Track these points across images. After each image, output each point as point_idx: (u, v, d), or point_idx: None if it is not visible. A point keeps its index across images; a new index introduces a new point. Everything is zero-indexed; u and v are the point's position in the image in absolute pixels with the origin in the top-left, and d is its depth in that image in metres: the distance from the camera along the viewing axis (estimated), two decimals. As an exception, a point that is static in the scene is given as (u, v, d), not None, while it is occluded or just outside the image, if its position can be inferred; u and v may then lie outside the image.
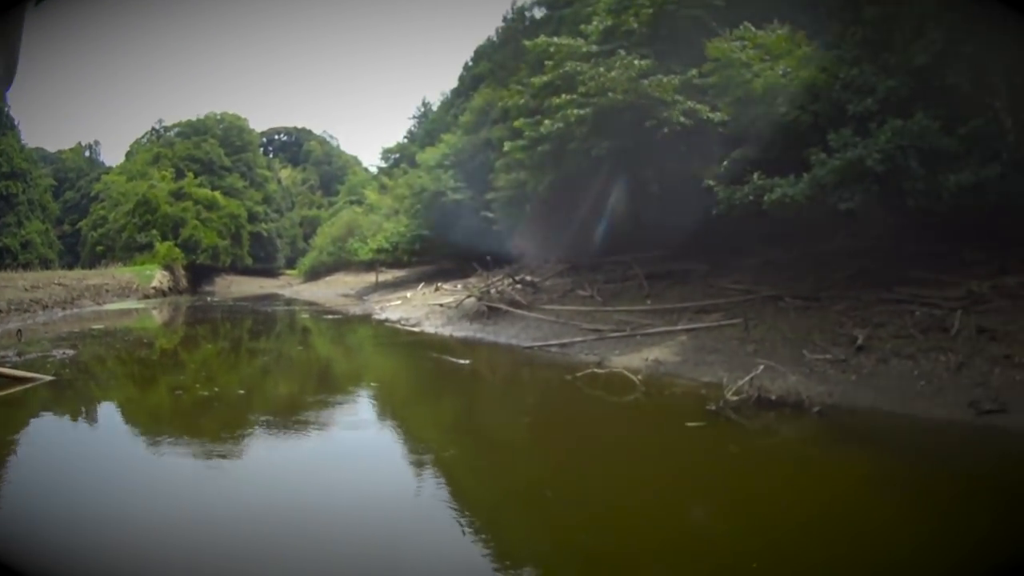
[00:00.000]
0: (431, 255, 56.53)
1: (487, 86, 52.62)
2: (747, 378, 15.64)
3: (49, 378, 21.18)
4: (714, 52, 23.60)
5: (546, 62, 31.50)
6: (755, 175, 20.30)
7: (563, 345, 24.62)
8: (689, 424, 14.39)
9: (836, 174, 18.17)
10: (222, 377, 24.81)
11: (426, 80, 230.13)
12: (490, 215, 43.05)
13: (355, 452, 13.69)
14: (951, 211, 17.89)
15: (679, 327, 22.64)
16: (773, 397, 15.26)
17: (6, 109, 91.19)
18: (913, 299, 18.63)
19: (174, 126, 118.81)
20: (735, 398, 15.30)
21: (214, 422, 16.46)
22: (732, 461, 12.55)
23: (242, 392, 20.97)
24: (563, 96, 28.08)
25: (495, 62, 57.93)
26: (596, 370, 19.72)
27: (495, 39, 65.48)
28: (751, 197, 20.16)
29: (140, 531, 9.41)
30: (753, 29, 23.49)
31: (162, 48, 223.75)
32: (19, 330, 34.41)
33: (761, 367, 15.91)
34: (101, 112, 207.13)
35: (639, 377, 18.46)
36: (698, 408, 15.36)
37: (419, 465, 12.93)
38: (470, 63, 69.48)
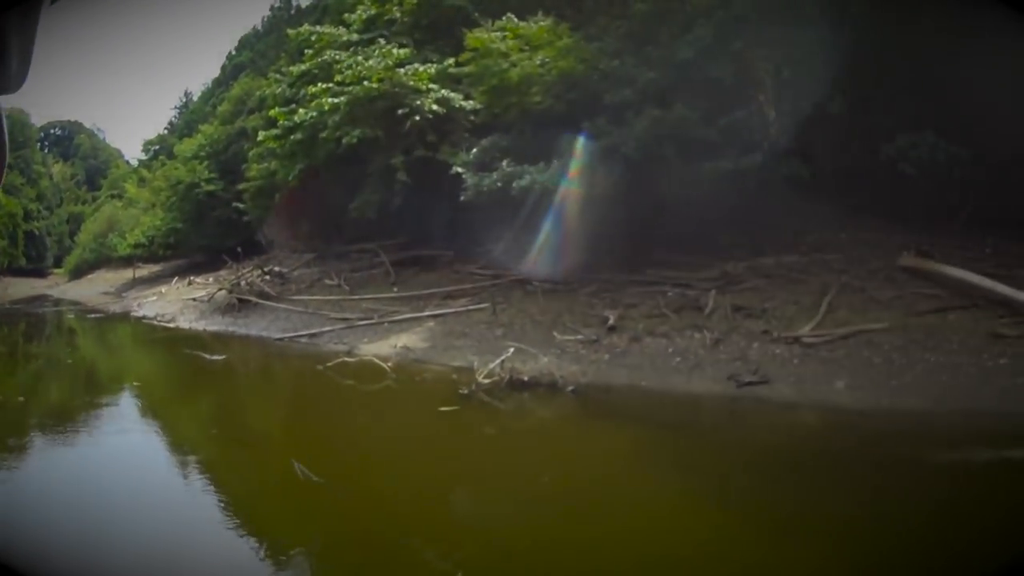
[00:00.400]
0: (186, 248, 53.89)
1: (247, 75, 51.11)
2: (498, 361, 15.16)
3: None
4: (473, 42, 22.83)
5: (306, 51, 30.42)
6: (504, 162, 20.05)
7: (313, 335, 23.67)
8: (443, 408, 13.75)
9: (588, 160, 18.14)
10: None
11: (195, 69, 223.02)
12: (241, 206, 41.07)
13: (123, 456, 12.85)
14: (708, 197, 17.58)
15: (426, 313, 22.09)
16: (526, 378, 14.77)
17: None
18: (665, 281, 18.62)
19: None
20: (487, 381, 14.76)
21: None
22: (488, 442, 12.36)
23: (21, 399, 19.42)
24: (319, 85, 27.12)
25: (257, 51, 56.72)
26: (346, 359, 18.87)
27: (259, 28, 63.92)
28: (499, 184, 19.80)
29: None
30: (516, 20, 22.82)
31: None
32: None
33: (512, 350, 15.59)
34: None
35: (389, 364, 17.74)
36: (451, 392, 14.83)
37: (181, 464, 12.32)
38: (233, 52, 67.36)
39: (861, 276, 16.57)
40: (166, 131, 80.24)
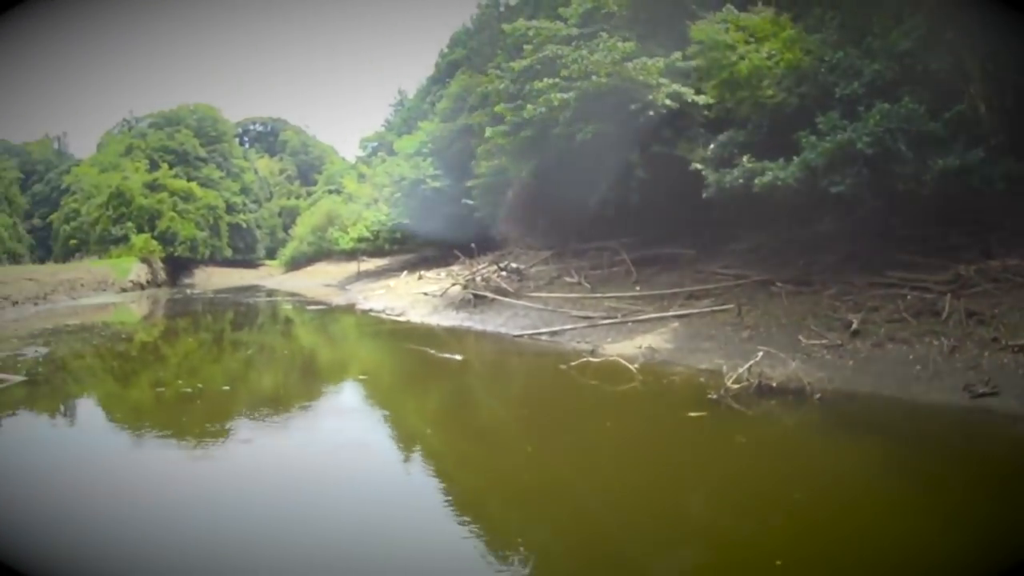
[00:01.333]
0: (412, 243, 56.18)
1: (463, 72, 52.35)
2: (747, 365, 15.38)
3: (20, 378, 20.79)
4: (698, 34, 23.03)
5: (525, 46, 31.00)
6: (744, 158, 20.17)
7: (553, 333, 24.30)
8: (692, 414, 14.11)
9: (826, 157, 18.06)
10: (205, 371, 24.61)
11: (402, 68, 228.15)
12: (470, 202, 42.73)
13: (336, 449, 13.49)
14: (936, 195, 17.89)
15: (670, 313, 22.38)
16: (774, 384, 15.02)
17: None
18: (904, 283, 18.55)
19: (146, 117, 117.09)
20: (736, 386, 15.04)
21: (198, 419, 16.15)
22: (740, 452, 12.28)
23: (226, 388, 20.60)
24: (545, 80, 27.60)
25: (471, 48, 57.82)
26: (590, 359, 19.27)
27: (470, 26, 65.05)
28: (741, 180, 20.00)
29: (136, 530, 9.48)
30: (735, 11, 22.93)
31: (130, 40, 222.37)
32: None
33: (760, 354, 15.63)
34: (69, 104, 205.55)
35: (635, 366, 17.98)
36: (699, 397, 15.14)
37: (407, 460, 13.10)
38: (446, 50, 68.94)
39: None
40: (383, 128, 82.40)
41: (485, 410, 17.61)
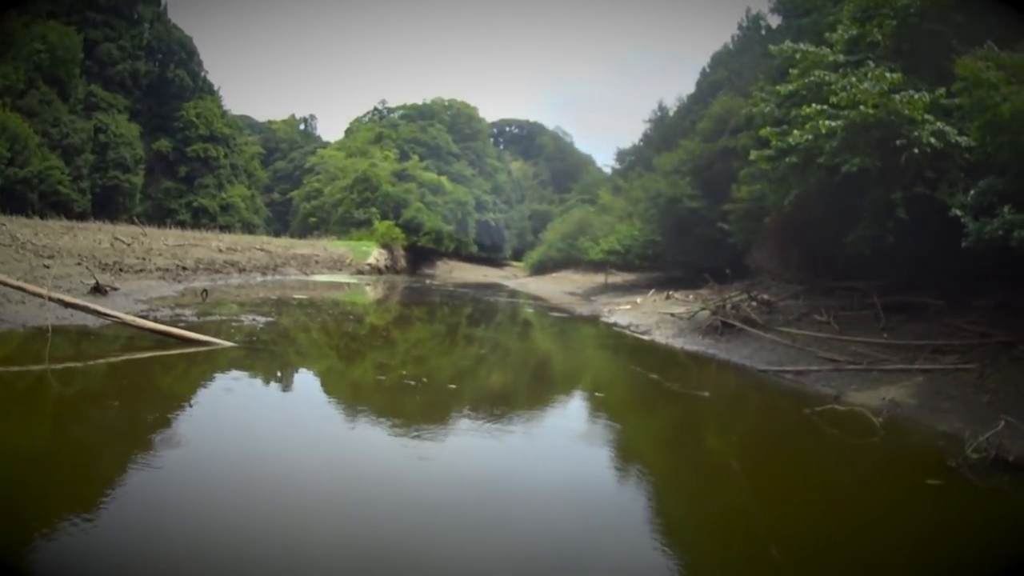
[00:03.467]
0: (662, 262, 56.81)
1: (725, 94, 52.26)
2: (987, 435, 15.12)
3: (229, 344, 22.45)
4: (963, 70, 22.47)
5: (790, 70, 30.90)
6: (1005, 208, 19.61)
7: (798, 373, 24.37)
8: (929, 481, 14.07)
9: None
10: (432, 363, 25.77)
11: (658, 84, 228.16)
12: (725, 226, 42.79)
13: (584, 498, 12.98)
14: None
15: (915, 367, 22.03)
16: (1010, 459, 14.74)
17: (203, 74, 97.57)
18: None
19: (398, 108, 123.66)
20: (975, 456, 14.85)
21: (413, 412, 17.02)
22: (977, 531, 12.12)
23: (452, 386, 21.48)
24: (813, 106, 27.23)
25: (732, 70, 57.99)
26: (836, 406, 19.40)
27: (731, 46, 65.66)
28: (1000, 232, 19.45)
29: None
30: (996, 49, 22.25)
31: (387, 31, 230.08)
32: (204, 290, 36.58)
33: (1002, 423, 15.33)
34: (317, 88, 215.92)
35: (879, 419, 17.93)
36: (936, 462, 15.05)
37: (638, 502, 13.10)
38: (707, 69, 69.34)
39: None
40: (640, 143, 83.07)
41: (716, 447, 17.87)
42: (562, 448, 15.71)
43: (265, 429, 14.97)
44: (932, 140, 23.94)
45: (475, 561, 9.56)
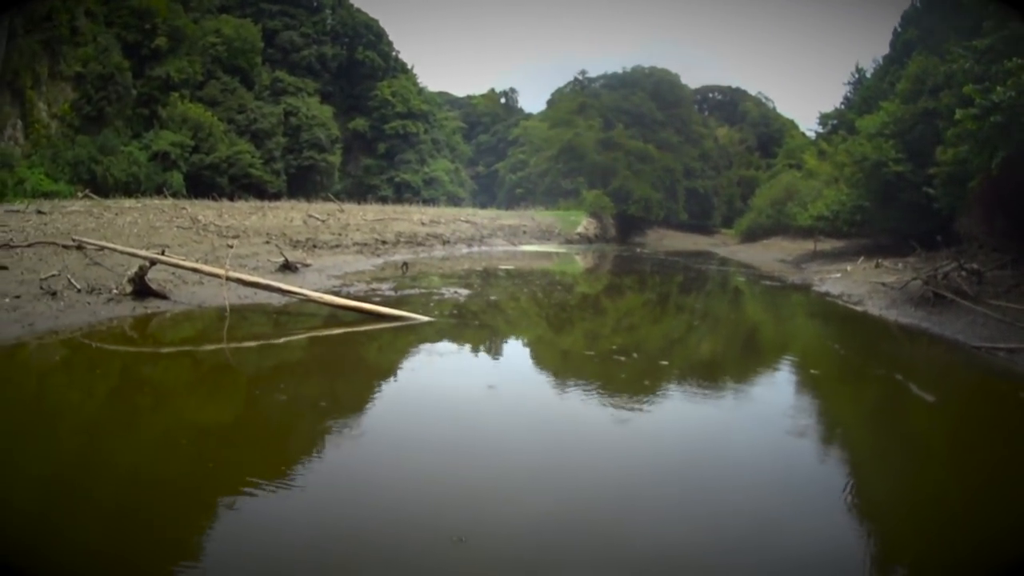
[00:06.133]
0: (869, 228, 54.78)
1: (920, 53, 49.81)
2: None
3: (425, 319, 21.76)
4: None
5: (984, 23, 29.33)
6: None
7: (1011, 351, 22.28)
8: None
9: None
10: (642, 335, 25.04)
11: (852, 44, 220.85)
12: (930, 191, 40.74)
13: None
14: None
15: None
16: None
17: (395, 54, 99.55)
18: None
19: (599, 77, 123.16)
20: None
21: (624, 390, 16.08)
22: None
23: (663, 363, 20.28)
24: (1015, 60, 25.38)
25: (923, 27, 55.65)
26: None
27: (918, 4, 63.16)
28: None
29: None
30: None
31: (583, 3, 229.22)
32: (404, 263, 35.98)
33: None
34: (515, 62, 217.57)
35: None
36: None
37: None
38: (898, 28, 66.52)
39: None
40: (842, 106, 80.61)
41: (928, 431, 16.04)
42: (770, 432, 14.33)
43: (459, 408, 14.38)
44: None
45: (679, 537, 9.13)
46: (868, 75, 76.13)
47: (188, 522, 8.56)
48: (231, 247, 31.62)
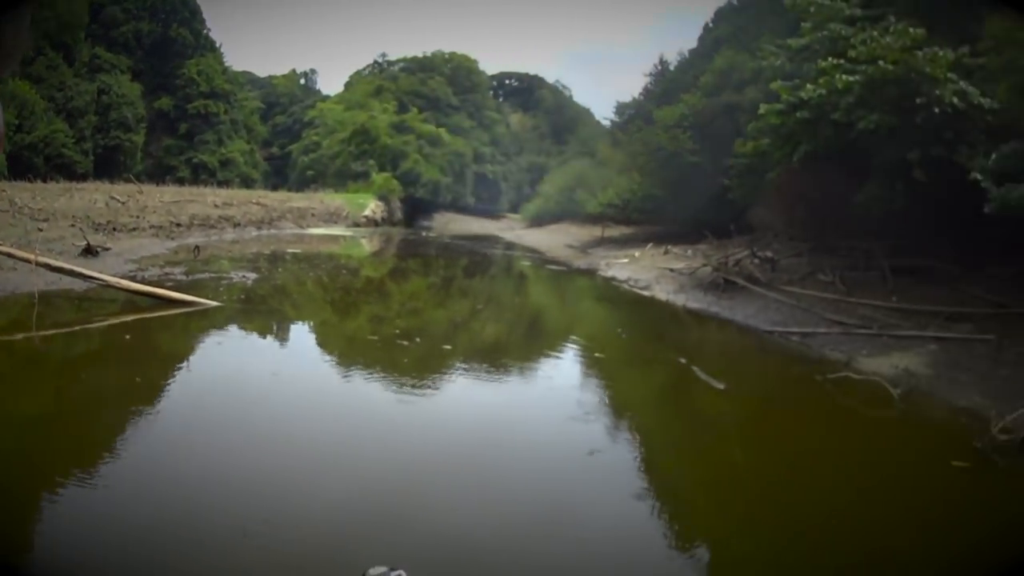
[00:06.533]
0: (660, 216, 55.23)
1: (729, 48, 50.99)
2: (1015, 415, 13.64)
3: (215, 304, 21.64)
4: (994, 30, 21.44)
5: (803, 24, 29.53)
6: None
7: (805, 335, 23.11)
8: (955, 463, 12.77)
9: None
10: (427, 317, 25.39)
11: (658, 39, 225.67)
12: (726, 182, 41.63)
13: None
14: None
15: (929, 334, 20.72)
16: None
17: (206, 31, 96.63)
18: None
19: (398, 61, 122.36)
20: (1004, 437, 13.36)
21: (407, 375, 16.18)
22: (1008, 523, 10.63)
23: (447, 347, 20.27)
24: (830, 60, 26.16)
25: (737, 25, 55.98)
26: (851, 375, 18.08)
27: (735, 2, 63.51)
28: None
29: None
30: None
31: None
32: (196, 247, 35.21)
33: None
34: (317, 42, 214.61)
35: (898, 391, 16.46)
36: (961, 442, 13.73)
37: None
38: (710, 24, 67.30)
39: None
40: (640, 96, 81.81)
41: (726, 412, 16.47)
42: (558, 414, 14.42)
43: (247, 395, 14.29)
44: (954, 100, 22.66)
45: (464, 507, 9.64)
46: (672, 68, 77.44)
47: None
48: (41, 231, 31.16)
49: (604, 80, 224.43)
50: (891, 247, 26.97)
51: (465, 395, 15.55)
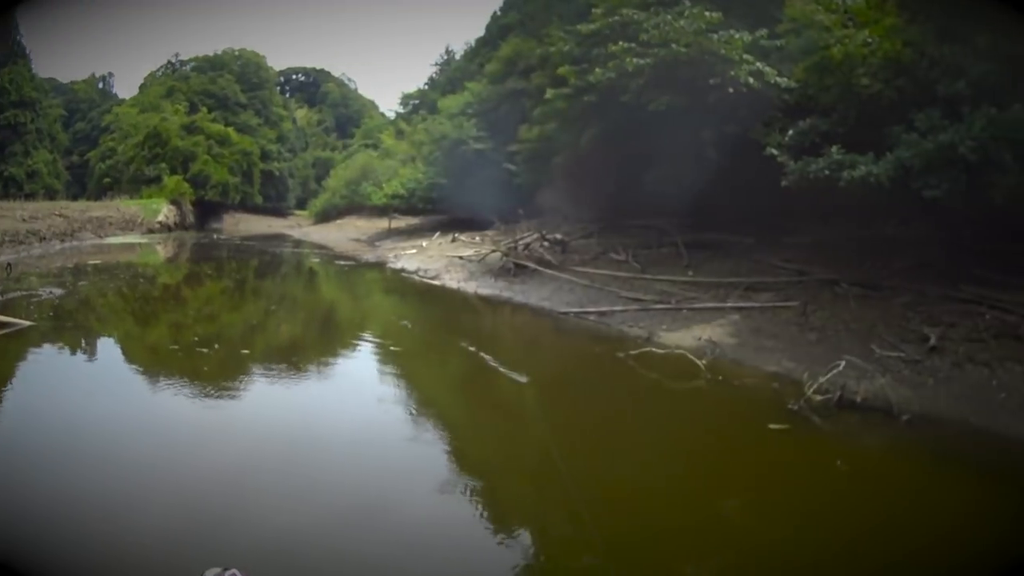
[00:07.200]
0: (446, 204, 54.11)
1: (516, 36, 50.71)
2: (828, 375, 13.73)
3: (27, 324, 20.05)
4: (792, 12, 21.79)
5: (594, 10, 29.06)
6: (833, 149, 18.34)
7: (602, 314, 22.58)
8: (773, 426, 12.47)
9: (924, 158, 16.32)
10: (224, 321, 24.64)
11: (449, 27, 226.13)
12: (512, 168, 41.47)
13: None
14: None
15: (729, 304, 20.73)
16: (858, 399, 13.33)
17: (18, 37, 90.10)
18: (981, 300, 16.92)
19: (190, 60, 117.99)
20: (819, 397, 13.38)
21: (209, 379, 15.60)
22: (839, 481, 10.66)
23: (245, 351, 19.50)
24: (621, 44, 25.69)
25: (525, 13, 55.65)
26: (654, 349, 17.65)
27: None
28: (827, 172, 18.17)
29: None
30: None
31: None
32: (8, 264, 32.90)
33: (843, 363, 13.96)
34: (116, 44, 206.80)
35: (703, 361, 16.22)
36: (776, 405, 13.52)
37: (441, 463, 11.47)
38: (499, 12, 66.98)
39: None
40: (426, 86, 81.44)
41: (527, 393, 15.48)
42: (355, 404, 14.57)
43: (60, 418, 12.88)
44: (750, 80, 22.70)
45: (286, 505, 9.29)
46: (458, 57, 77.14)
47: None
48: None
49: (391, 71, 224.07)
50: (685, 223, 27.01)
51: (267, 398, 14.91)
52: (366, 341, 21.82)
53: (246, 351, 19.37)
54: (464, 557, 8.46)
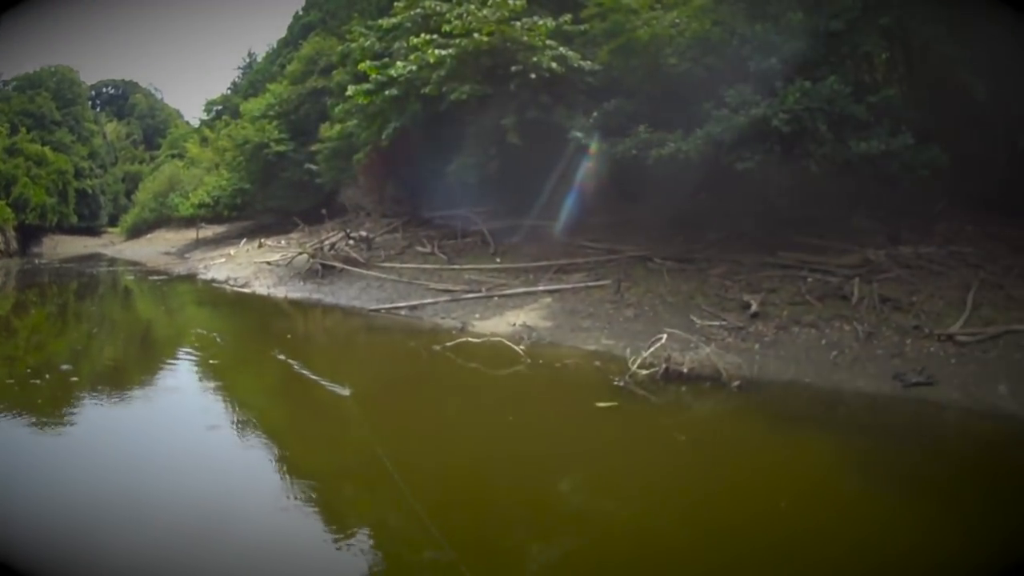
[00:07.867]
0: (252, 210, 53.19)
1: (317, 35, 49.85)
2: (651, 349, 13.32)
3: None
4: None
5: (396, 3, 28.19)
6: (641, 128, 18.14)
7: (413, 308, 21.89)
8: (600, 404, 11.83)
9: (736, 132, 16.19)
10: (51, 353, 22.17)
11: (256, 32, 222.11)
12: (314, 168, 40.16)
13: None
14: (843, 178, 16.65)
15: (540, 288, 20.33)
16: (685, 370, 12.92)
17: None
18: (801, 265, 17.10)
19: (12, 80, 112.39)
20: (644, 372, 12.93)
21: (47, 427, 13.66)
22: (682, 452, 10.37)
23: (74, 379, 17.62)
24: (422, 36, 24.91)
25: (326, 11, 55.08)
26: (470, 339, 16.95)
27: None
28: (634, 151, 17.98)
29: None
30: None
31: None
32: None
33: (664, 337, 13.50)
34: None
35: (521, 347, 15.69)
36: (601, 383, 13.02)
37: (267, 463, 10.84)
38: (300, 12, 65.80)
39: (997, 272, 15.28)
40: (229, 91, 79.48)
41: (351, 407, 14.07)
42: (186, 429, 12.87)
43: None
44: (553, 65, 22.12)
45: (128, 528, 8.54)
46: (260, 60, 75.54)
47: None
48: None
49: (196, 79, 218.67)
50: (493, 212, 26.49)
51: (102, 421, 13.72)
52: (182, 357, 20.48)
53: (75, 378, 17.62)
54: (307, 565, 7.92)
